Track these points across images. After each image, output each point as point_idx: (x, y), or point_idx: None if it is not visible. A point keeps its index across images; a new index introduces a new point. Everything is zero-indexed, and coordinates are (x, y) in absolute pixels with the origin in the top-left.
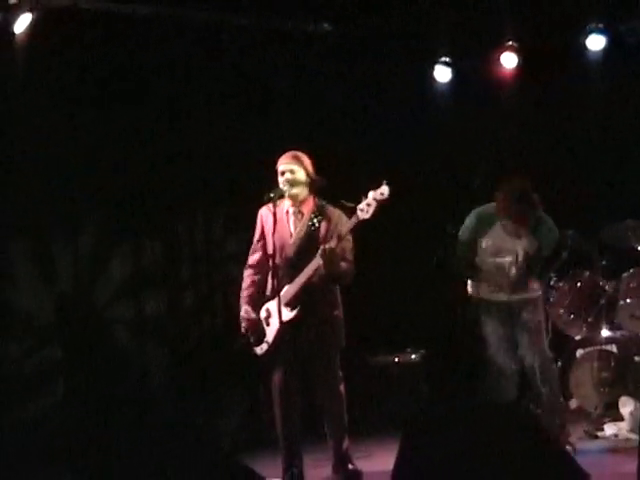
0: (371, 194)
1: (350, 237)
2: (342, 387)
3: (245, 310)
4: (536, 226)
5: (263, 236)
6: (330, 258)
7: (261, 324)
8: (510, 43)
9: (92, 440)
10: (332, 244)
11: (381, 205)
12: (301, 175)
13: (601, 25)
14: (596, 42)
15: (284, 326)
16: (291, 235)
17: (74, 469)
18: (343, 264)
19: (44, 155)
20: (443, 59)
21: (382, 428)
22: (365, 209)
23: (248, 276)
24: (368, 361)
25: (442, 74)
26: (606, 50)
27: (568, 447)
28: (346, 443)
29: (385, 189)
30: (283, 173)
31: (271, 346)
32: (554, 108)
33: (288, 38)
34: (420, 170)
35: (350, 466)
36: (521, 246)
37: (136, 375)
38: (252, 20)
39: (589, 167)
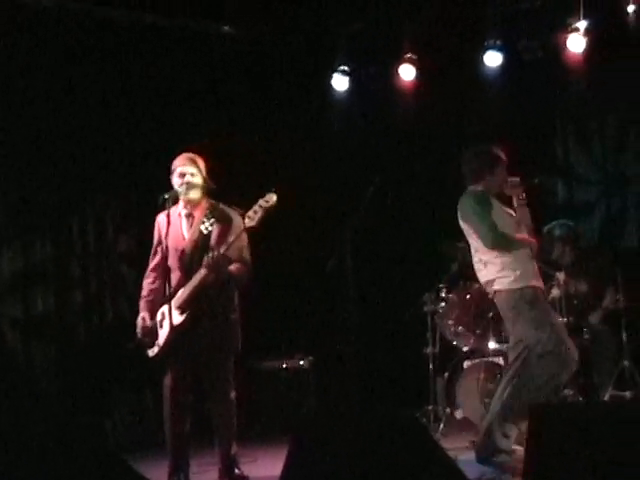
0: (258, 202)
1: (245, 236)
2: (233, 392)
3: (142, 317)
4: None
5: (160, 241)
6: (216, 266)
7: (155, 328)
8: (409, 55)
9: None
10: (219, 251)
11: (268, 212)
12: (199, 179)
13: (499, 42)
14: (493, 58)
15: (174, 330)
16: (184, 239)
17: None
18: (233, 267)
19: None
20: (341, 68)
21: (268, 433)
22: (252, 216)
23: (147, 284)
24: (256, 366)
25: (340, 83)
26: (503, 66)
27: None
28: (234, 448)
29: (271, 197)
30: (183, 175)
31: (161, 349)
32: (450, 121)
33: (189, 38)
34: (314, 176)
35: (237, 471)
36: None
37: (22, 373)
38: (152, 18)
39: None
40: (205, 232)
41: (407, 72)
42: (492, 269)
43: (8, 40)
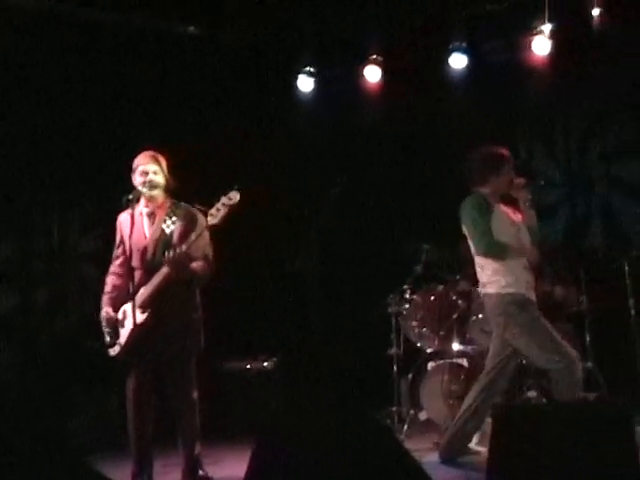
0: (221, 199)
1: (206, 234)
2: (196, 392)
3: (106, 311)
4: None
5: (122, 240)
6: (177, 264)
7: (118, 326)
8: (375, 57)
9: None
10: (181, 249)
11: (231, 210)
12: (161, 177)
13: (464, 44)
14: (458, 60)
15: (136, 329)
16: (146, 237)
17: None
18: (195, 265)
19: None
20: (307, 69)
21: (232, 434)
22: (215, 214)
23: (110, 282)
24: (220, 367)
25: (305, 84)
26: (468, 68)
27: None
28: (198, 449)
29: (234, 195)
30: (145, 173)
31: (123, 348)
32: (415, 123)
33: (154, 38)
34: (280, 176)
35: (200, 472)
36: None
37: None
38: (118, 17)
39: (446, 181)
40: (167, 230)
41: (372, 73)
42: (487, 273)
43: None
